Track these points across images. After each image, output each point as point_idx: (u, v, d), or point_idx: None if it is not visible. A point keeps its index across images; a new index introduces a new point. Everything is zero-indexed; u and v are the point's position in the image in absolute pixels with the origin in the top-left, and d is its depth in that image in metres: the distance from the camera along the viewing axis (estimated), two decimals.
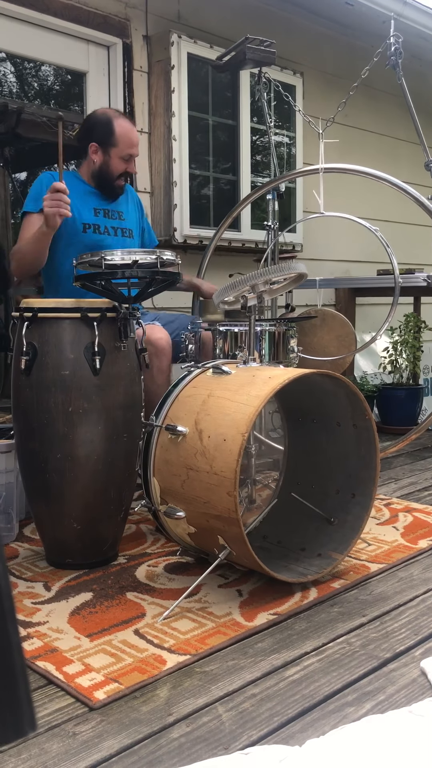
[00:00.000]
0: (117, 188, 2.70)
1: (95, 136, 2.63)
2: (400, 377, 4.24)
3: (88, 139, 2.65)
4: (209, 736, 1.27)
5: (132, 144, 2.64)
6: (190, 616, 1.73)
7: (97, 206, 2.67)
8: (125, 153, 2.63)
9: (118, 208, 2.75)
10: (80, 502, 2.01)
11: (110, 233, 2.68)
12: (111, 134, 2.61)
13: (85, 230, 2.61)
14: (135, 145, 2.66)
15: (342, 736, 1.22)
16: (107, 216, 2.69)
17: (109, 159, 2.63)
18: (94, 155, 2.64)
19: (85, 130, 2.69)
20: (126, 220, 2.77)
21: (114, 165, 2.64)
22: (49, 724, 1.31)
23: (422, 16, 4.32)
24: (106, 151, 2.63)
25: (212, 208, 3.83)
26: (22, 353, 1.98)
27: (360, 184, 4.32)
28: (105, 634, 1.64)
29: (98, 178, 2.66)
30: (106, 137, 2.62)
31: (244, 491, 2.13)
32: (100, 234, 2.65)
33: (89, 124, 2.69)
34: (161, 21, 3.60)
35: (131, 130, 2.66)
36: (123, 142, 2.62)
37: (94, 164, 2.65)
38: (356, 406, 1.98)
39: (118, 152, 2.62)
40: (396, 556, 2.11)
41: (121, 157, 2.63)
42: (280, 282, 2.22)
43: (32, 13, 3.11)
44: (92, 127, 2.66)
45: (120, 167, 2.65)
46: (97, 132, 2.63)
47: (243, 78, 3.85)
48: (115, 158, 2.63)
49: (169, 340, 2.56)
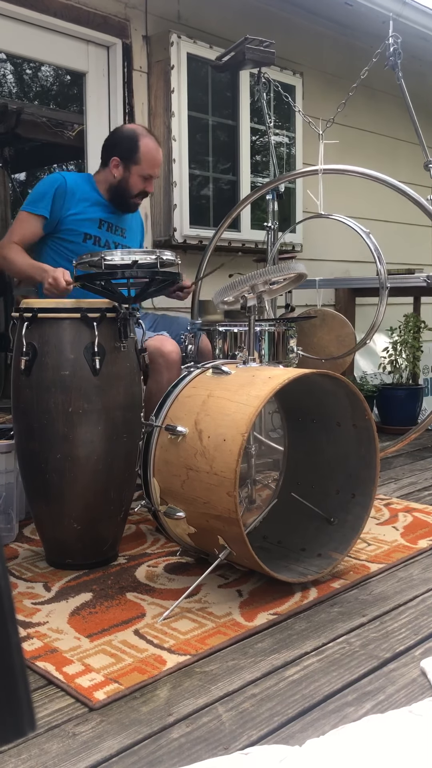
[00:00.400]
0: (132, 206, 2.72)
1: (119, 151, 2.63)
2: (399, 377, 4.24)
3: (111, 153, 2.65)
4: (209, 736, 1.27)
5: (155, 164, 2.65)
6: (190, 617, 1.73)
7: (103, 218, 2.68)
8: (146, 172, 2.64)
9: (122, 224, 2.75)
10: (80, 502, 2.01)
11: (111, 247, 2.68)
12: (135, 151, 2.61)
13: (86, 240, 2.61)
14: (157, 166, 2.67)
15: (342, 735, 1.22)
16: (110, 230, 2.70)
17: (129, 176, 2.63)
18: (114, 169, 2.64)
19: (111, 143, 2.69)
20: (127, 238, 2.77)
21: (133, 182, 2.64)
22: (49, 724, 1.31)
23: (421, 17, 4.32)
24: (127, 167, 2.63)
25: (212, 208, 3.83)
26: (22, 353, 1.98)
27: (360, 184, 4.31)
28: (105, 635, 1.64)
29: (115, 192, 2.66)
30: (130, 154, 2.61)
31: (244, 491, 2.13)
32: (100, 246, 2.64)
33: (115, 137, 2.69)
34: (161, 21, 3.60)
35: (156, 150, 2.65)
36: (146, 161, 2.63)
37: (114, 178, 2.65)
38: (356, 406, 1.98)
39: (140, 170, 2.63)
40: (396, 556, 2.11)
41: (142, 176, 2.64)
42: (279, 282, 2.22)
43: (32, 13, 3.11)
44: (118, 141, 2.66)
45: (138, 186, 2.66)
46: (122, 147, 2.63)
47: (243, 78, 3.85)
48: (135, 176, 2.63)
49: (179, 351, 2.55)
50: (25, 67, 5.77)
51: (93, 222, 2.64)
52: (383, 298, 3.04)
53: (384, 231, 5.00)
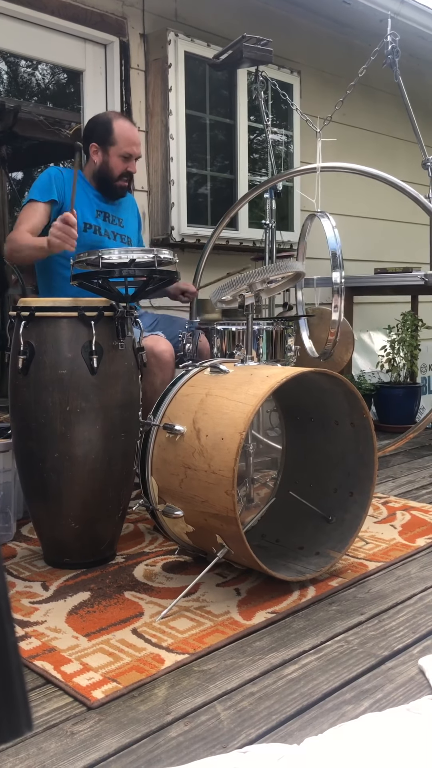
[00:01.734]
0: (118, 189, 2.70)
1: (95, 137, 2.65)
2: (397, 376, 4.24)
3: (89, 140, 2.67)
4: (207, 734, 1.27)
5: (131, 142, 2.64)
6: (188, 615, 1.73)
7: (100, 209, 2.68)
8: (124, 151, 2.63)
9: (119, 214, 2.76)
10: (78, 501, 2.01)
11: (110, 237, 2.69)
12: (110, 133, 2.62)
13: (86, 229, 2.61)
14: (134, 144, 2.66)
15: (340, 734, 1.22)
16: (107, 220, 2.70)
17: (108, 158, 2.64)
18: (94, 156, 2.66)
19: (87, 132, 2.71)
20: (125, 228, 2.78)
21: (113, 164, 2.64)
22: (47, 723, 1.31)
23: (419, 15, 4.32)
24: (105, 150, 2.64)
25: (210, 206, 3.83)
26: (20, 352, 1.97)
27: (358, 183, 4.32)
28: (103, 634, 1.64)
29: (99, 178, 2.67)
30: (105, 136, 2.63)
31: (242, 490, 2.13)
32: (100, 236, 2.65)
33: (90, 125, 2.71)
34: (158, 19, 3.59)
35: (130, 128, 2.66)
36: (121, 140, 2.62)
37: (95, 165, 2.66)
38: (354, 404, 1.98)
39: (117, 150, 2.63)
40: (394, 555, 2.12)
41: (120, 156, 2.63)
42: (277, 281, 2.22)
43: (29, 11, 3.10)
44: (92, 128, 2.68)
45: (120, 166, 2.65)
46: (97, 132, 2.65)
47: (240, 77, 3.85)
48: (114, 157, 2.63)
49: (173, 352, 2.54)
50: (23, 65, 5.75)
51: (90, 212, 2.65)
52: (342, 294, 2.94)
53: (382, 229, 5.01)
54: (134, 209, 2.92)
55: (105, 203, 2.71)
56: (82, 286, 2.11)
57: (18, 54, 3.37)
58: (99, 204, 2.68)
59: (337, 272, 2.86)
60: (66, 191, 2.59)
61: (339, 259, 2.87)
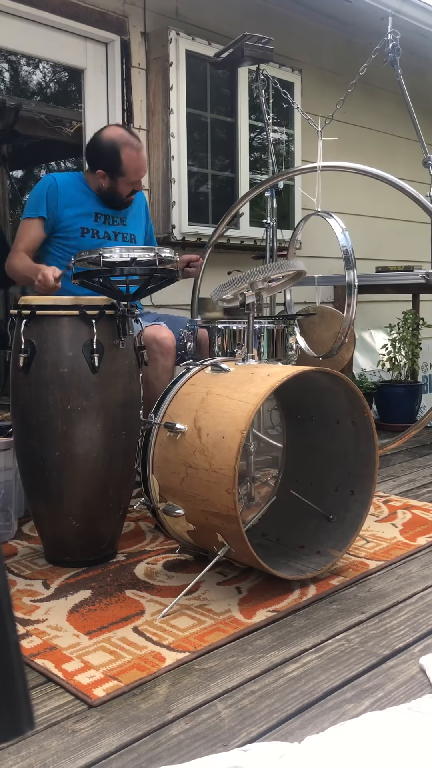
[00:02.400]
0: (125, 204, 2.74)
1: (102, 164, 2.63)
2: (398, 374, 4.24)
3: (96, 164, 2.65)
4: (208, 733, 1.27)
5: (139, 171, 2.66)
6: (189, 614, 1.73)
7: (99, 211, 2.69)
8: (133, 180, 2.66)
9: (120, 213, 2.76)
10: (79, 499, 2.01)
11: (111, 238, 2.69)
12: (118, 165, 2.61)
13: (84, 234, 2.63)
14: (142, 170, 2.68)
15: (341, 732, 1.22)
16: (107, 222, 2.71)
17: (116, 185, 2.65)
18: (102, 179, 2.65)
19: (93, 155, 2.68)
20: (128, 225, 2.77)
21: (122, 189, 2.67)
22: (48, 721, 1.31)
23: (420, 13, 4.31)
24: (114, 179, 2.64)
25: (211, 205, 3.83)
26: (21, 351, 1.98)
27: (359, 181, 4.31)
28: (104, 632, 1.64)
29: (106, 197, 2.69)
30: (114, 167, 2.61)
31: (243, 488, 2.13)
32: (98, 239, 2.66)
33: (96, 150, 2.65)
34: (159, 18, 3.59)
35: (138, 158, 2.64)
36: (130, 172, 2.63)
37: (103, 187, 2.67)
38: (355, 403, 1.98)
39: (126, 180, 2.65)
40: (395, 553, 2.12)
41: (129, 183, 2.66)
42: (278, 279, 2.22)
43: (30, 9, 3.10)
44: (99, 153, 2.64)
45: (127, 190, 2.68)
46: (105, 161, 2.62)
47: (241, 75, 3.85)
48: (123, 184, 2.65)
49: (174, 339, 2.57)
50: (24, 63, 5.75)
51: (89, 216, 2.65)
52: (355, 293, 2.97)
53: (383, 228, 5.00)
54: (140, 202, 2.89)
55: (106, 206, 2.71)
56: (83, 285, 2.11)
57: (19, 52, 3.37)
58: (98, 207, 2.68)
59: (350, 271, 2.88)
60: (62, 202, 2.62)
61: (351, 258, 2.89)
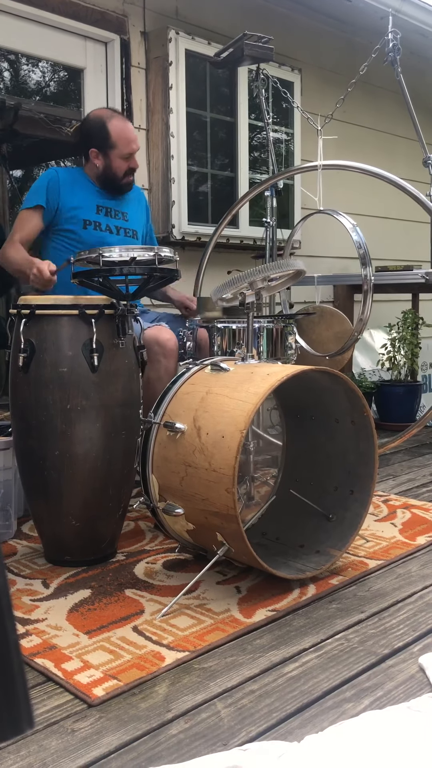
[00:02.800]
0: (124, 186, 2.73)
1: (93, 142, 2.65)
2: (398, 374, 4.24)
3: (87, 146, 2.67)
4: (208, 732, 1.27)
5: (129, 141, 2.66)
6: (188, 613, 1.73)
7: (101, 204, 2.69)
8: (125, 152, 2.65)
9: (122, 208, 2.76)
10: (79, 499, 2.01)
11: (113, 231, 2.69)
12: (107, 137, 2.63)
13: (86, 226, 2.62)
14: (133, 141, 2.67)
15: (340, 731, 1.22)
16: (109, 215, 2.71)
17: (110, 161, 2.66)
18: (96, 160, 2.67)
19: (83, 137, 2.71)
20: (130, 221, 2.78)
21: (116, 165, 2.67)
22: (48, 720, 1.31)
23: (420, 12, 4.31)
24: (106, 154, 2.65)
25: (210, 204, 3.83)
26: (20, 350, 1.97)
27: (358, 181, 4.31)
28: (104, 631, 1.64)
29: (104, 180, 2.69)
30: (104, 141, 2.63)
31: (243, 488, 2.13)
32: (101, 231, 2.66)
33: (85, 130, 2.71)
34: (159, 17, 3.59)
35: (125, 128, 2.66)
36: (121, 142, 2.64)
37: (98, 169, 2.68)
38: (354, 402, 1.98)
39: (118, 153, 2.65)
40: (394, 553, 2.12)
41: (122, 157, 2.66)
42: (278, 279, 2.22)
43: (30, 9, 3.10)
44: (88, 133, 2.68)
45: (123, 166, 2.67)
46: (94, 137, 2.65)
47: (241, 74, 3.84)
48: (116, 159, 2.65)
49: (176, 341, 2.57)
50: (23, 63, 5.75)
51: (90, 208, 2.66)
52: (370, 292, 3.00)
53: (382, 227, 5.00)
54: (141, 201, 2.91)
55: (107, 198, 2.71)
56: (83, 284, 2.11)
57: (19, 51, 3.37)
58: (100, 200, 2.69)
59: (366, 268, 2.90)
60: (64, 193, 2.62)
61: (367, 254, 2.92)
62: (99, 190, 2.70)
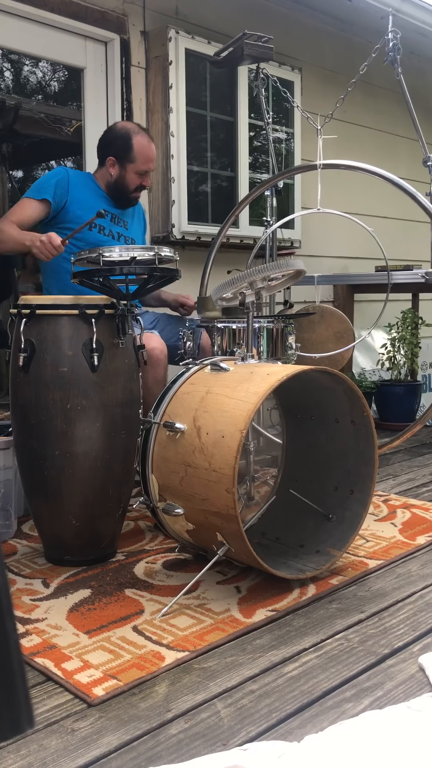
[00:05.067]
0: (131, 200, 2.79)
1: (113, 150, 2.70)
2: (398, 373, 4.24)
3: (107, 152, 2.72)
4: (208, 732, 1.27)
5: (148, 159, 2.72)
6: (188, 613, 1.73)
7: (107, 209, 2.71)
8: (141, 169, 2.71)
9: (124, 217, 2.81)
10: (79, 499, 2.01)
11: (114, 237, 2.74)
12: (129, 150, 2.68)
13: (91, 229, 2.64)
14: (151, 161, 2.74)
15: (340, 731, 1.22)
16: (113, 221, 2.76)
17: (125, 173, 2.70)
18: (111, 168, 2.71)
19: (104, 143, 2.76)
20: (130, 230, 2.83)
21: (130, 179, 2.71)
22: (47, 720, 1.31)
23: (421, 12, 4.31)
24: (123, 165, 2.70)
25: (210, 204, 3.83)
26: (20, 350, 1.98)
27: (359, 181, 4.31)
28: (103, 631, 1.64)
29: (114, 190, 2.73)
30: (125, 152, 2.68)
31: (243, 488, 2.13)
32: (104, 235, 2.70)
33: (109, 137, 2.75)
34: (159, 17, 3.59)
35: (149, 147, 2.72)
36: (140, 158, 2.69)
37: (111, 177, 2.72)
38: (354, 402, 1.98)
39: (135, 168, 2.70)
40: (394, 553, 2.12)
41: (137, 172, 2.71)
42: (278, 279, 2.22)
43: (30, 8, 3.09)
44: (111, 141, 2.72)
45: (135, 181, 2.73)
46: (116, 146, 2.70)
47: (241, 74, 3.84)
48: (131, 173, 2.70)
49: (165, 349, 2.58)
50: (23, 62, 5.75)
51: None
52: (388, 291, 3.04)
53: (382, 227, 4.99)
54: (141, 214, 2.99)
55: (112, 206, 2.76)
56: (83, 284, 2.12)
57: (19, 51, 3.37)
58: (106, 206, 2.73)
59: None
60: (72, 194, 2.64)
61: None
62: (106, 196, 2.74)
